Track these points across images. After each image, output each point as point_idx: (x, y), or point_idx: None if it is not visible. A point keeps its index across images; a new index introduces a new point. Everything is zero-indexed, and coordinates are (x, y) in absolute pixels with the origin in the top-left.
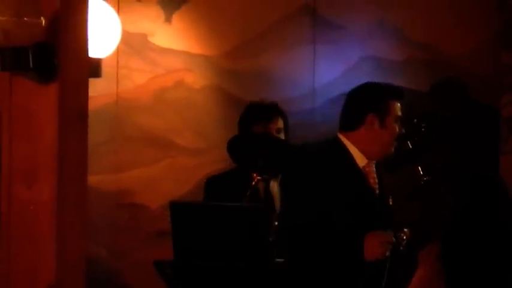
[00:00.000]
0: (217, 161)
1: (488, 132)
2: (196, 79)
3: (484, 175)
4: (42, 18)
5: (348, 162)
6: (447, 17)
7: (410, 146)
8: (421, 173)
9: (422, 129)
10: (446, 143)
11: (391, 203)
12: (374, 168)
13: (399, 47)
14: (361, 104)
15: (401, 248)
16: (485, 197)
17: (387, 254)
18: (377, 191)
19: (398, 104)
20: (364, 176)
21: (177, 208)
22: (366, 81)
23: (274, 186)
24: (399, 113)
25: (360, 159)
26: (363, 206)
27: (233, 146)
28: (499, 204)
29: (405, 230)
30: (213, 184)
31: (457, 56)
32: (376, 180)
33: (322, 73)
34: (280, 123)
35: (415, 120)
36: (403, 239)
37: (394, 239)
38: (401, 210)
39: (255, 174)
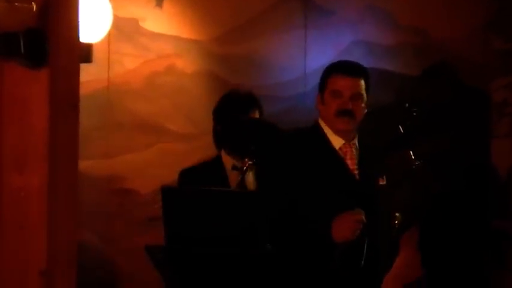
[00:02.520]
0: (209, 146)
1: (479, 117)
2: (187, 64)
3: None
4: (33, 3)
5: (323, 144)
6: (438, 2)
7: (402, 131)
8: (413, 157)
9: (414, 114)
10: (438, 127)
11: (381, 182)
12: (354, 149)
13: (390, 32)
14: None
15: (393, 232)
16: (475, 182)
17: (357, 233)
18: (355, 172)
19: (339, 79)
20: (341, 157)
21: (169, 193)
22: None
23: (249, 175)
24: (335, 87)
25: (336, 141)
26: (338, 187)
27: (224, 131)
28: (490, 189)
29: (396, 214)
30: (187, 176)
31: (448, 40)
32: (356, 161)
33: (314, 58)
34: (256, 114)
35: (407, 104)
36: (395, 223)
37: (363, 218)
38: (392, 195)
39: (246, 159)
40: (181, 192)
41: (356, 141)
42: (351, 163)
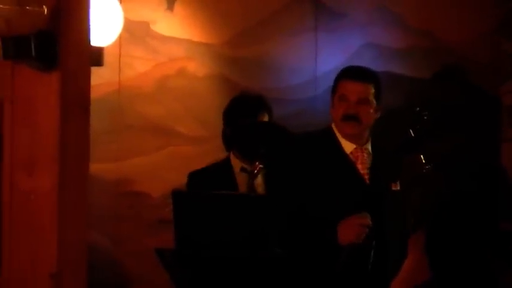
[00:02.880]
0: (219, 149)
1: (489, 120)
2: (198, 67)
3: (486, 163)
4: (44, 7)
5: (334, 148)
6: (448, 5)
7: (413, 134)
8: (423, 161)
9: (424, 118)
10: (448, 130)
11: (394, 188)
12: (366, 154)
13: (401, 35)
14: None
15: (406, 237)
16: (486, 184)
17: (363, 236)
18: (366, 176)
19: (347, 83)
20: (351, 162)
21: (180, 197)
22: None
23: (259, 177)
24: (343, 92)
25: (347, 146)
26: (347, 191)
27: (233, 136)
28: (500, 191)
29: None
30: (196, 178)
31: (459, 43)
32: (367, 166)
33: (324, 61)
34: (266, 117)
35: (417, 108)
36: (410, 228)
37: (370, 222)
38: (405, 200)
39: (257, 163)
40: (192, 196)
41: (369, 146)
42: (362, 167)
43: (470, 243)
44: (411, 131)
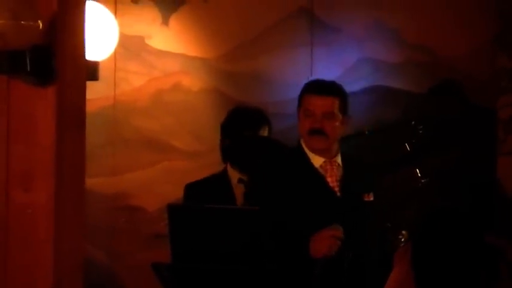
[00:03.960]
0: (215, 163)
1: (485, 134)
2: (193, 82)
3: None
4: (39, 21)
5: (304, 163)
6: (444, 20)
7: (408, 149)
8: (419, 175)
9: (420, 132)
10: (444, 145)
11: (367, 199)
12: (335, 167)
13: (396, 49)
14: None
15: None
16: (481, 199)
17: (335, 249)
18: (336, 189)
19: (311, 98)
20: (321, 175)
21: (175, 211)
22: (363, 83)
23: None
24: (307, 106)
25: (316, 160)
26: (318, 204)
27: (232, 149)
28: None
29: (403, 232)
30: (192, 189)
31: (455, 58)
32: (338, 178)
33: (320, 75)
34: (266, 131)
35: (413, 122)
36: (401, 241)
37: (341, 234)
38: (398, 212)
39: None
40: (187, 209)
41: (338, 158)
42: (332, 180)
43: (457, 258)
44: (407, 145)
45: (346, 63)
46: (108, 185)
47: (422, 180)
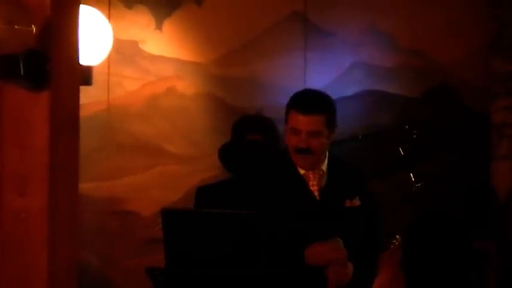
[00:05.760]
0: (209, 168)
1: (479, 139)
2: (187, 86)
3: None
4: (33, 26)
5: (288, 168)
6: (438, 24)
7: (402, 153)
8: (413, 179)
9: (414, 136)
10: (438, 149)
11: (349, 204)
12: (318, 175)
13: (390, 54)
14: None
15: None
16: (474, 204)
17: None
18: (316, 193)
19: (296, 116)
20: (303, 180)
21: (169, 215)
22: (356, 87)
23: None
24: (293, 125)
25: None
26: (298, 209)
27: (225, 153)
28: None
29: (397, 236)
30: (204, 194)
31: (449, 62)
32: (321, 184)
33: (313, 80)
34: (258, 136)
35: (407, 126)
36: (396, 245)
37: (343, 250)
38: (393, 216)
39: None
40: (182, 213)
41: (324, 165)
42: (312, 184)
43: (447, 262)
44: (401, 149)
45: (340, 67)
46: (102, 190)
47: (417, 185)
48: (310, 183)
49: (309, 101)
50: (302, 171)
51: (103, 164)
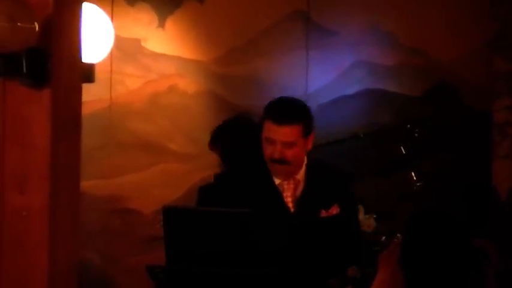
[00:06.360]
0: (210, 166)
1: (480, 138)
2: (189, 84)
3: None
4: (35, 23)
5: (263, 179)
6: (440, 23)
7: (403, 152)
8: (414, 178)
9: (415, 135)
10: (439, 148)
11: (328, 213)
12: (292, 185)
13: (392, 53)
14: None
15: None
16: (475, 203)
17: None
18: (291, 205)
19: (271, 126)
20: (278, 191)
21: (170, 213)
22: (358, 86)
23: None
24: (267, 135)
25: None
26: (271, 220)
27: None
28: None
29: (398, 235)
30: (206, 193)
31: (450, 61)
32: (296, 194)
33: (315, 78)
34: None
35: (408, 125)
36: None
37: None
38: (394, 215)
39: None
40: (183, 211)
41: (300, 174)
42: (287, 195)
43: (447, 261)
44: (402, 148)
45: (341, 66)
46: (103, 188)
47: (418, 184)
48: (285, 194)
49: (284, 111)
50: (277, 181)
51: (104, 162)
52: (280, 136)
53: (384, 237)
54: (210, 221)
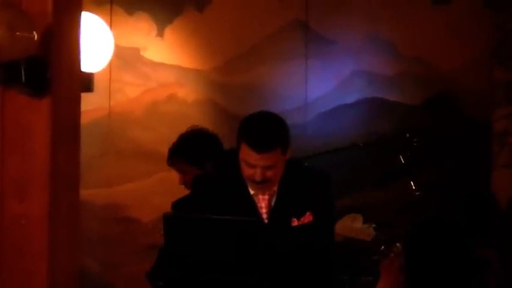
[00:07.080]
0: None
1: (480, 147)
2: (188, 93)
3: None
4: (34, 32)
5: (238, 190)
6: (440, 32)
7: (403, 161)
8: (414, 187)
9: (415, 144)
10: (439, 157)
11: (296, 223)
12: (268, 195)
13: (391, 62)
14: None
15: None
16: (475, 212)
17: None
18: (265, 216)
19: (250, 152)
20: (253, 201)
21: (171, 220)
22: (357, 95)
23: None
24: (246, 159)
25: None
26: (244, 231)
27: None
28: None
29: (397, 244)
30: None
31: (450, 71)
32: (271, 204)
33: (314, 87)
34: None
35: (407, 134)
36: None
37: None
38: (393, 224)
39: None
40: (183, 219)
41: (276, 185)
42: (261, 206)
43: (449, 269)
44: (401, 157)
45: (340, 75)
46: (103, 196)
47: (417, 193)
48: (259, 205)
49: (263, 139)
50: (252, 191)
51: (104, 170)
52: (260, 162)
53: (383, 246)
54: (210, 229)
